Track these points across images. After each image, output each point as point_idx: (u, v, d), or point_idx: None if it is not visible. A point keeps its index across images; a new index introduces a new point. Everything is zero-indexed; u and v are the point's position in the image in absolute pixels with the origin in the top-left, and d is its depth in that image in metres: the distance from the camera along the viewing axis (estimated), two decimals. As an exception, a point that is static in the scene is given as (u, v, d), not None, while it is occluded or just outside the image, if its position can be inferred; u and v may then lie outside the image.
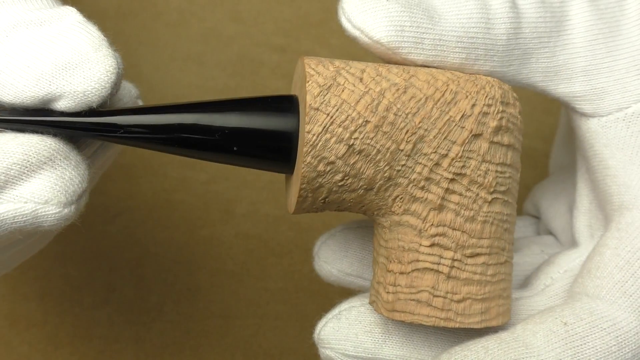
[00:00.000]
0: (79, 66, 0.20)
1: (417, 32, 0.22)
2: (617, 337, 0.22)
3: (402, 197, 0.21)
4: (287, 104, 0.22)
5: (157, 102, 0.41)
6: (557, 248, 0.28)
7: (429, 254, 0.22)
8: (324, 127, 0.20)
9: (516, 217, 0.25)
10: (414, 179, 0.21)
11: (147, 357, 0.36)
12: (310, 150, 0.20)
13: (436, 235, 0.22)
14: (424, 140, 0.21)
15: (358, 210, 0.22)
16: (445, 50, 0.22)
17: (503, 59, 0.23)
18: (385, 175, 0.21)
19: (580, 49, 0.24)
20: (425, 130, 0.21)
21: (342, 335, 0.24)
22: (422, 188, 0.21)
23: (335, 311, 0.25)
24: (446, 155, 0.21)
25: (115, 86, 0.20)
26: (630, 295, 0.22)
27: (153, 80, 0.40)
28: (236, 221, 0.38)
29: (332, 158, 0.20)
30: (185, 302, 0.37)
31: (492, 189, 0.22)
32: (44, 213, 0.20)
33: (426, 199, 0.21)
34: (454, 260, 0.22)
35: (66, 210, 0.20)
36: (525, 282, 0.26)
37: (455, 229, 0.21)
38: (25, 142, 0.20)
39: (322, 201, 0.21)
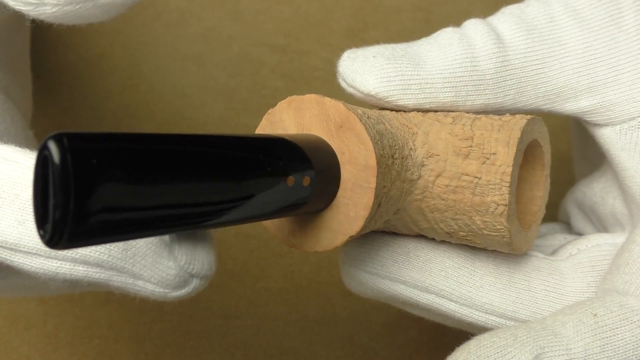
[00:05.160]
0: None
1: (403, 79, 0.24)
2: None
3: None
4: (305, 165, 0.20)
5: (156, 103, 0.41)
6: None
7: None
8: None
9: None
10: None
11: (147, 357, 0.36)
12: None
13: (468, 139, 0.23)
14: None
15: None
16: (433, 92, 0.24)
17: (496, 92, 0.24)
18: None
19: (582, 69, 0.25)
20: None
21: (364, 255, 0.25)
22: None
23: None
24: None
25: None
26: None
27: (153, 80, 0.40)
28: (236, 221, 0.38)
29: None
30: (186, 302, 0.37)
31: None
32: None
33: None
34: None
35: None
36: (553, 252, 0.27)
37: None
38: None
39: (390, 183, 0.21)
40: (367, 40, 0.42)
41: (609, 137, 0.25)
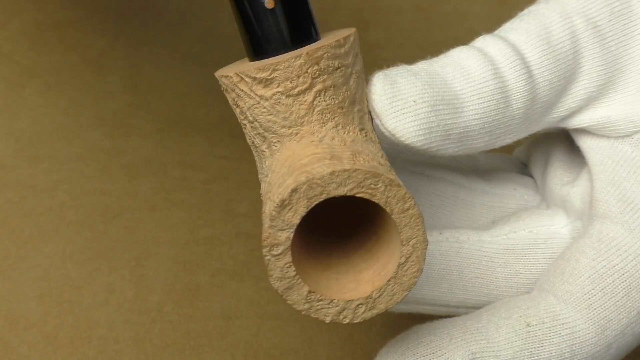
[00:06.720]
0: None
1: (444, 129, 0.22)
2: (572, 345, 0.23)
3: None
4: None
5: (157, 103, 0.41)
6: (532, 191, 0.29)
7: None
8: None
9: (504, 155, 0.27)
10: None
11: (147, 358, 0.36)
12: None
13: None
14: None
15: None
16: (470, 138, 0.23)
17: (520, 130, 0.24)
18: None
19: (592, 92, 0.24)
20: None
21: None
22: None
23: None
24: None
25: None
26: (595, 309, 0.24)
27: (153, 80, 0.40)
28: (237, 221, 0.38)
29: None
30: (185, 302, 0.37)
31: None
32: None
33: None
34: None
35: None
36: (490, 226, 0.27)
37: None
38: None
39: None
40: (367, 40, 0.42)
41: (598, 144, 0.25)
